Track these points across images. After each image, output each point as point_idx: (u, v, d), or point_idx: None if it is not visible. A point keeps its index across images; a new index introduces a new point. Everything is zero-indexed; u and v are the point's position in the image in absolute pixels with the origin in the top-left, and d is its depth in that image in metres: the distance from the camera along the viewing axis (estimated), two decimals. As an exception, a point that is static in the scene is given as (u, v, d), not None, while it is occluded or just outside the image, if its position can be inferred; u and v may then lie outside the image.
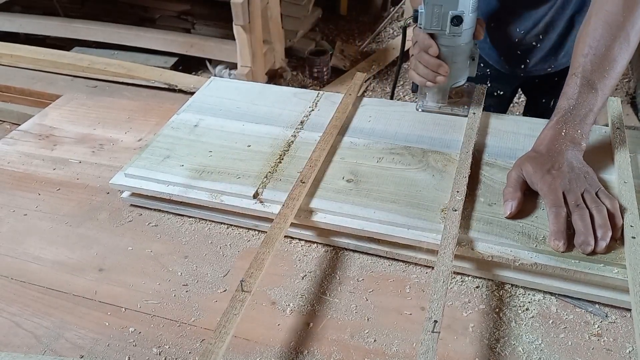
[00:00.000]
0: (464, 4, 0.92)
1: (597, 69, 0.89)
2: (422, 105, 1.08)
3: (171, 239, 0.90)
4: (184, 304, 0.79)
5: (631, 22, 0.89)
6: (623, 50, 0.90)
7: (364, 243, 0.86)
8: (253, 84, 1.21)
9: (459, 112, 1.05)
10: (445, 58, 0.98)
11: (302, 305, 0.79)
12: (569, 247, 0.77)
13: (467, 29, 0.95)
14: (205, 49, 3.14)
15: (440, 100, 1.06)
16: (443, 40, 0.97)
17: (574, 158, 0.85)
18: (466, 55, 1.00)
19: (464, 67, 1.02)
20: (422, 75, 1.00)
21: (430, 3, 0.93)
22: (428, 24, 0.95)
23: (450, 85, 1.04)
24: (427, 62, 0.98)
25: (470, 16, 0.94)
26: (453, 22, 0.93)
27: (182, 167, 0.95)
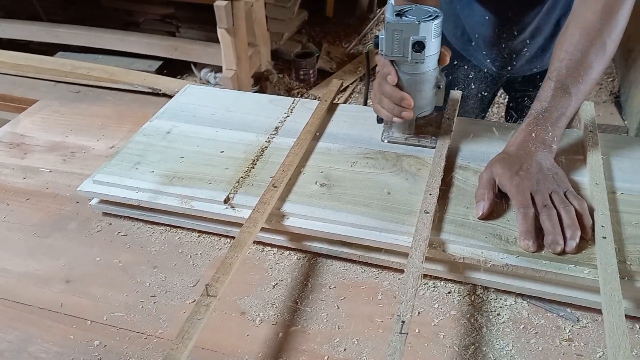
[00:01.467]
0: (426, 29, 0.85)
1: (572, 74, 0.89)
2: (387, 136, 1.01)
3: (141, 248, 0.89)
4: (151, 316, 0.78)
5: (608, 30, 0.90)
6: (599, 57, 0.90)
7: (336, 247, 0.85)
8: (229, 91, 1.20)
9: (427, 144, 0.98)
10: (409, 87, 0.92)
11: (273, 315, 0.78)
12: (539, 248, 0.77)
13: (431, 55, 0.89)
14: (189, 53, 3.12)
15: (407, 132, 0.99)
16: (405, 68, 0.90)
17: (543, 159, 0.85)
18: (431, 83, 0.93)
19: (430, 96, 0.95)
20: (387, 110, 0.93)
21: (390, 28, 0.86)
22: (389, 50, 0.89)
23: (417, 116, 0.97)
24: (390, 95, 0.92)
25: (433, 42, 0.87)
26: (415, 48, 0.86)
27: (153, 173, 0.93)
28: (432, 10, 0.88)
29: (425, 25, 0.85)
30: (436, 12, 0.87)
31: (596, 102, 2.71)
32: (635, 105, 2.50)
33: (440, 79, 0.93)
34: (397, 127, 0.99)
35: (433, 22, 0.85)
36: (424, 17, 0.86)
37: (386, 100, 0.93)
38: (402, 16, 0.87)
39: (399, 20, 0.86)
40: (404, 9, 0.88)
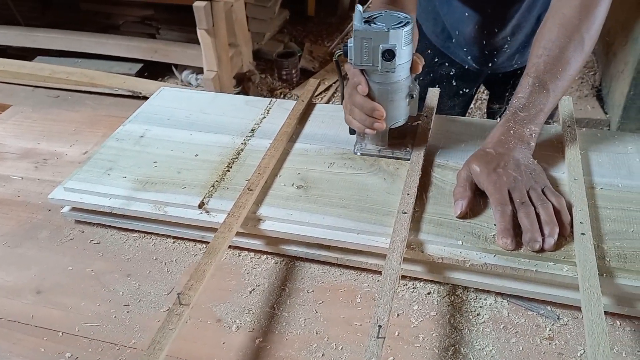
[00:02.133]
0: (396, 36, 0.81)
1: (549, 70, 0.89)
2: (360, 148, 0.96)
3: (114, 256, 0.87)
4: (125, 326, 0.76)
5: (586, 26, 0.89)
6: (577, 53, 0.89)
7: (314, 250, 0.84)
8: (204, 93, 1.18)
9: (401, 155, 0.94)
10: (381, 97, 0.87)
11: (249, 321, 0.76)
12: (518, 246, 0.76)
13: (402, 63, 0.84)
14: (169, 55, 3.09)
15: (380, 143, 0.95)
16: (376, 77, 0.86)
17: (521, 156, 0.84)
18: (404, 92, 0.88)
19: (403, 106, 0.90)
20: (359, 121, 0.89)
21: (358, 36, 0.82)
22: (358, 59, 0.84)
23: (390, 126, 0.92)
24: (361, 106, 0.87)
25: (404, 49, 0.83)
26: (385, 57, 0.82)
27: (125, 179, 0.91)
28: (403, 17, 0.84)
29: (394, 32, 0.81)
30: (406, 19, 0.84)
31: (578, 96, 2.72)
32: (617, 98, 2.51)
33: (413, 87, 0.89)
34: (370, 138, 0.95)
35: (403, 29, 0.81)
36: (393, 24, 0.82)
37: (357, 111, 0.88)
38: (370, 23, 0.83)
39: (367, 27, 0.82)
40: (372, 16, 0.84)
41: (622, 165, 0.91)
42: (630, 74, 2.36)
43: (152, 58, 3.14)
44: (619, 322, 0.74)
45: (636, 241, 0.76)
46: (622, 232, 0.78)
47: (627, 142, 0.96)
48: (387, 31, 0.81)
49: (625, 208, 0.82)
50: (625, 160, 0.92)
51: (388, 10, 0.97)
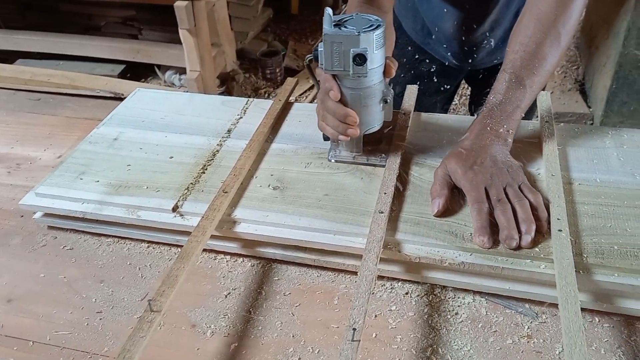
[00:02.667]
0: (367, 40, 0.78)
1: (526, 66, 0.88)
2: (334, 155, 0.93)
3: (87, 262, 0.85)
4: (97, 333, 0.74)
5: (562, 21, 0.88)
6: (554, 48, 0.89)
7: (290, 252, 0.82)
8: (180, 94, 1.17)
9: (376, 162, 0.91)
10: (353, 102, 0.84)
11: (225, 326, 0.75)
12: (495, 244, 0.75)
13: (374, 67, 0.82)
14: (151, 55, 3.06)
15: (355, 150, 0.92)
16: (348, 82, 0.83)
17: (498, 153, 0.83)
18: (377, 97, 0.85)
19: (377, 111, 0.87)
20: (332, 127, 0.86)
21: (328, 40, 0.79)
22: (329, 64, 0.81)
23: (364, 132, 0.89)
24: (334, 112, 0.84)
25: (376, 53, 0.80)
26: (356, 62, 0.79)
27: (98, 183, 0.90)
28: (374, 19, 0.82)
29: (365, 36, 0.78)
30: (378, 21, 0.81)
31: (561, 91, 2.72)
32: (600, 91, 2.52)
33: (387, 92, 0.86)
34: (344, 145, 0.93)
35: (374, 32, 0.79)
36: (364, 28, 0.79)
37: (330, 117, 0.86)
38: (341, 27, 0.80)
39: (337, 31, 0.79)
40: (343, 19, 0.82)
41: (600, 160, 0.90)
42: (612, 68, 2.37)
43: (134, 59, 3.11)
44: (598, 319, 0.73)
45: (613, 236, 0.75)
46: (599, 228, 0.77)
47: (605, 136, 0.96)
48: (357, 35, 0.78)
49: (603, 203, 0.82)
50: (603, 155, 0.92)
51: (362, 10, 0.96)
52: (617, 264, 0.71)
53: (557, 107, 2.61)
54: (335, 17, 0.81)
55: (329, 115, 0.85)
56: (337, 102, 0.84)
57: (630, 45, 2.27)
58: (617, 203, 0.82)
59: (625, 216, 0.79)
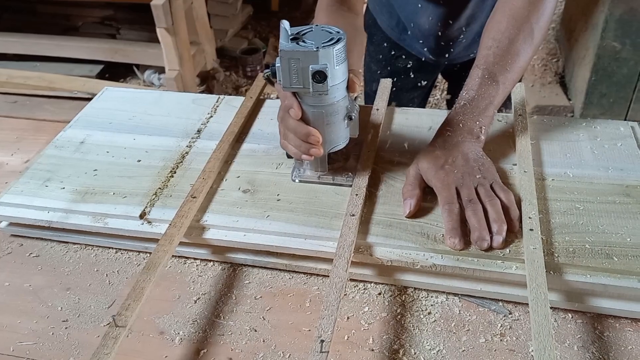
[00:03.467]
0: (327, 56, 0.73)
1: (499, 62, 0.87)
2: (298, 175, 0.88)
3: (53, 269, 0.83)
4: (62, 343, 0.73)
5: (536, 17, 0.88)
6: (527, 44, 0.88)
7: (261, 257, 0.81)
8: (149, 92, 1.14)
9: (343, 182, 0.86)
10: (316, 120, 0.80)
11: (194, 333, 0.73)
12: (467, 245, 0.74)
13: (336, 84, 0.77)
14: (130, 55, 3.03)
15: (319, 169, 0.87)
16: (309, 100, 0.78)
17: (470, 150, 0.82)
18: (341, 114, 0.80)
19: (342, 129, 0.82)
20: (294, 146, 0.81)
21: (285, 57, 0.74)
22: (287, 81, 0.76)
23: (328, 151, 0.84)
24: (295, 130, 0.80)
25: (337, 69, 0.75)
26: (315, 79, 0.74)
27: (63, 190, 0.87)
28: (334, 32, 0.77)
29: (325, 51, 0.73)
30: (339, 34, 0.76)
31: (541, 83, 2.73)
32: (579, 84, 2.53)
33: (352, 108, 0.81)
34: (308, 164, 0.88)
35: (334, 47, 0.74)
36: (323, 42, 0.74)
37: (292, 136, 0.81)
38: (299, 41, 0.75)
39: (294, 47, 0.74)
40: (301, 32, 0.77)
41: (573, 154, 0.90)
42: (591, 60, 2.37)
43: (113, 59, 3.07)
44: (571, 315, 0.73)
45: (584, 234, 0.75)
46: (571, 226, 0.76)
47: (579, 129, 0.96)
48: (316, 51, 0.73)
49: (575, 199, 0.81)
50: (576, 149, 0.91)
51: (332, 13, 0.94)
52: (588, 263, 0.71)
53: (537, 100, 2.61)
54: (293, 29, 0.76)
55: (291, 134, 0.81)
56: (299, 121, 0.79)
57: (608, 37, 2.27)
58: (590, 199, 0.81)
59: (598, 212, 0.78)
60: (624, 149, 0.90)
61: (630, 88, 2.39)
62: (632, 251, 0.72)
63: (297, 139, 0.80)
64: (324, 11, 0.97)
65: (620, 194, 0.81)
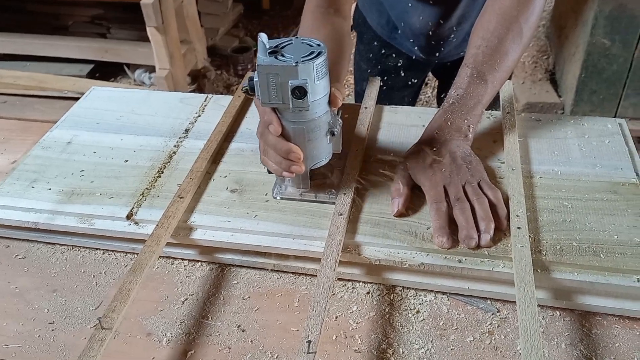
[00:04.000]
0: (307, 71, 0.70)
1: (488, 61, 0.87)
2: (279, 192, 0.85)
3: (39, 271, 0.82)
4: (49, 345, 0.72)
5: (525, 17, 0.88)
6: (515, 44, 0.88)
7: (249, 257, 0.81)
8: (137, 91, 1.13)
9: (326, 199, 0.83)
10: (297, 137, 0.76)
11: (181, 334, 0.73)
12: (455, 243, 0.74)
13: (317, 99, 0.73)
14: (120, 54, 3.01)
15: (302, 186, 0.83)
16: (289, 116, 0.75)
17: (458, 148, 0.82)
18: (323, 130, 0.77)
19: (324, 145, 0.79)
20: (275, 163, 0.78)
21: (263, 72, 0.71)
22: (265, 97, 0.73)
23: (311, 167, 0.81)
24: (275, 147, 0.77)
25: (318, 84, 0.72)
26: (295, 95, 0.71)
27: (50, 191, 0.87)
28: (315, 45, 0.73)
29: (304, 66, 0.70)
30: (319, 47, 0.73)
31: (532, 81, 2.73)
32: (569, 81, 2.53)
33: (334, 123, 0.78)
34: (290, 181, 0.84)
35: (314, 61, 0.70)
36: (303, 56, 0.71)
37: (272, 152, 0.78)
38: (277, 55, 0.72)
39: (272, 61, 0.71)
40: (280, 44, 0.74)
41: (560, 152, 0.90)
42: (581, 57, 2.38)
43: (103, 58, 3.06)
44: (559, 313, 0.73)
45: (572, 232, 0.75)
46: (558, 223, 0.77)
47: (567, 126, 0.96)
48: (295, 65, 0.70)
49: (563, 197, 0.81)
50: (564, 146, 0.91)
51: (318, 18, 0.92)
52: (575, 261, 0.71)
53: (528, 97, 2.62)
54: (272, 42, 0.73)
55: (271, 150, 0.78)
56: (279, 137, 0.76)
57: (598, 34, 2.28)
58: (578, 196, 0.81)
59: (585, 210, 0.78)
60: (612, 146, 0.90)
61: (620, 84, 2.40)
62: (619, 248, 0.72)
63: (278, 156, 0.77)
64: (311, 14, 0.96)
65: (608, 191, 0.82)
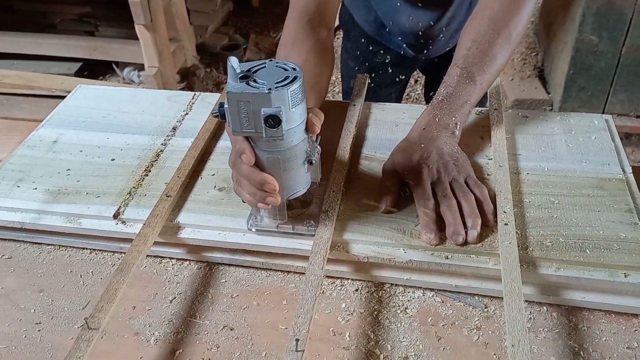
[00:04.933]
0: (281, 98, 0.65)
1: (478, 63, 0.88)
2: (254, 224, 0.79)
3: (26, 271, 0.82)
4: (36, 346, 0.72)
5: (515, 23, 0.89)
6: (504, 48, 0.89)
7: (238, 256, 0.80)
8: (124, 89, 1.13)
9: (304, 231, 0.77)
10: (271, 166, 0.71)
11: (169, 333, 0.72)
12: (442, 240, 0.74)
13: (292, 127, 0.68)
14: (109, 52, 3.00)
15: (278, 217, 0.78)
16: (263, 145, 0.69)
17: (445, 144, 0.82)
18: (300, 159, 0.72)
19: (301, 174, 0.74)
20: (249, 194, 0.73)
21: (233, 99, 0.65)
22: (237, 125, 0.67)
23: (287, 198, 0.77)
24: (248, 177, 0.71)
25: (293, 111, 0.67)
26: (268, 124, 0.65)
27: (36, 191, 0.86)
28: (290, 68, 0.68)
29: (278, 93, 0.64)
30: (295, 72, 0.67)
31: (521, 77, 2.74)
32: (558, 77, 2.54)
33: (312, 151, 0.72)
34: (266, 212, 0.78)
35: (289, 88, 0.65)
36: (277, 82, 0.65)
37: (245, 183, 0.73)
38: (249, 80, 0.66)
39: (243, 88, 0.65)
40: (253, 68, 0.68)
41: (548, 148, 0.90)
42: (569, 53, 2.39)
43: (92, 56, 3.04)
44: (546, 308, 0.73)
45: (558, 228, 0.75)
46: (545, 219, 0.77)
47: (554, 122, 0.96)
48: (268, 92, 0.64)
49: (550, 193, 0.81)
50: (551, 142, 0.92)
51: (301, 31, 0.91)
52: (562, 256, 0.71)
53: (516, 94, 2.63)
54: (243, 65, 0.68)
55: (244, 181, 0.73)
56: (252, 166, 0.71)
57: (586, 30, 2.29)
58: (565, 192, 0.81)
59: (572, 206, 0.79)
60: (598, 142, 0.91)
61: (608, 81, 2.41)
62: (604, 243, 0.73)
63: (252, 187, 0.72)
64: (294, 23, 0.94)
65: (594, 187, 0.82)
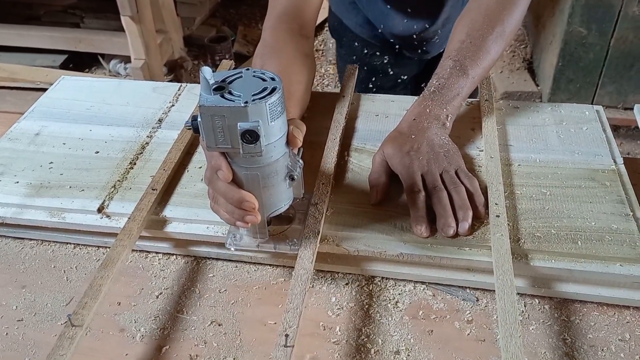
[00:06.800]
0: (258, 111, 0.60)
1: (471, 56, 0.87)
2: (233, 242, 0.74)
3: (8, 267, 0.80)
4: (17, 343, 0.70)
5: (508, 19, 0.89)
6: (498, 43, 0.89)
7: (225, 250, 0.78)
8: (108, 81, 1.11)
9: (286, 250, 0.73)
10: (250, 183, 0.66)
11: (155, 329, 0.71)
12: (433, 233, 0.73)
13: (272, 142, 0.63)
14: (94, 44, 2.95)
15: (259, 236, 0.73)
16: (240, 161, 0.64)
17: (435, 136, 0.81)
18: (281, 174, 0.67)
19: (282, 190, 0.69)
20: (227, 212, 0.68)
21: (207, 113, 0.60)
22: (211, 141, 0.62)
23: (268, 216, 0.71)
24: (225, 195, 0.66)
25: (272, 125, 0.62)
26: (245, 139, 0.60)
27: (17, 184, 0.84)
28: (269, 78, 0.63)
29: (255, 107, 0.59)
30: (274, 83, 0.62)
31: (510, 70, 2.74)
32: (547, 70, 2.54)
33: (293, 166, 0.68)
34: (246, 230, 0.74)
35: (267, 100, 0.60)
36: (254, 94, 0.60)
37: (222, 200, 0.68)
38: (223, 92, 0.61)
39: (217, 101, 0.60)
40: (228, 78, 0.63)
41: (539, 139, 0.90)
42: (558, 45, 2.38)
43: (77, 48, 2.99)
44: (537, 301, 0.72)
45: (550, 219, 0.75)
46: (537, 211, 0.76)
47: (545, 113, 0.95)
48: (244, 106, 0.59)
49: (541, 184, 0.81)
50: (542, 133, 0.91)
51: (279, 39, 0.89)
52: (554, 248, 0.70)
53: (506, 87, 2.63)
54: (217, 75, 0.63)
55: (222, 199, 0.68)
56: (230, 183, 0.66)
57: (575, 22, 2.29)
58: (556, 184, 0.81)
59: (563, 197, 0.78)
60: (590, 133, 0.90)
61: (597, 73, 2.41)
62: (596, 235, 0.72)
63: (229, 205, 0.67)
64: (272, 30, 0.92)
65: (585, 178, 0.81)
